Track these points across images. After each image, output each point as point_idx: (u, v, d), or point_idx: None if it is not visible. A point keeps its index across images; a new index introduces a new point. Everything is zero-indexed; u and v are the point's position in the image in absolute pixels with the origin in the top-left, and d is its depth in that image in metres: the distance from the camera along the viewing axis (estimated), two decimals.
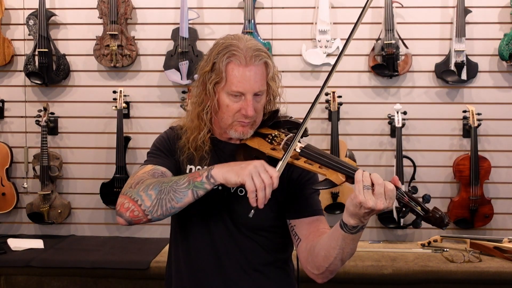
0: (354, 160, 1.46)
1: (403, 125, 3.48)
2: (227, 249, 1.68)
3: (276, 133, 1.64)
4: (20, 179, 3.74)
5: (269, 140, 1.63)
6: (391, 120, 3.52)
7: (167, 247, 3.34)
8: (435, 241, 3.37)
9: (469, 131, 3.49)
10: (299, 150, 1.53)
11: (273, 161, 1.53)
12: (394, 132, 3.49)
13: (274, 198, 1.65)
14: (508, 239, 3.24)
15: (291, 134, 1.60)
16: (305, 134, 1.59)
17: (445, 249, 3.26)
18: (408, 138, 3.61)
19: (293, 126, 1.66)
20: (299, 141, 1.54)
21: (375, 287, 3.03)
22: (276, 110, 1.72)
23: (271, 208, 1.65)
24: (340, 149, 3.46)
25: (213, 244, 1.69)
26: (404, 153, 3.50)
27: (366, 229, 3.62)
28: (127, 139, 3.63)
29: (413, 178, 3.51)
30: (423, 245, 3.35)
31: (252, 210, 1.45)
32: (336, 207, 3.50)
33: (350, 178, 1.40)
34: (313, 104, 1.55)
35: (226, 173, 1.47)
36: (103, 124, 3.71)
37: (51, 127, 3.66)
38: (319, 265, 1.52)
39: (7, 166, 3.67)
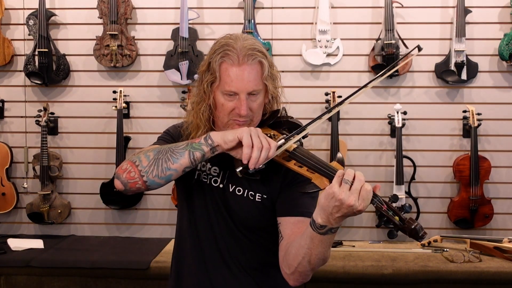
0: (343, 165, 1.43)
1: (403, 125, 3.48)
2: (228, 246, 1.70)
3: (273, 133, 1.64)
4: (20, 179, 3.74)
5: None
6: (391, 120, 3.51)
7: (167, 247, 3.37)
8: (435, 241, 3.37)
9: (469, 131, 3.49)
10: (289, 153, 1.52)
11: (268, 162, 1.52)
12: (394, 132, 3.49)
13: (270, 199, 1.66)
14: (508, 239, 3.24)
15: (286, 136, 1.58)
16: (304, 136, 1.58)
17: (445, 249, 3.26)
18: (408, 138, 3.61)
19: (294, 127, 1.64)
20: (294, 143, 1.54)
21: (375, 287, 3.03)
22: (276, 110, 1.71)
23: (266, 207, 1.67)
24: (340, 149, 3.46)
25: (216, 240, 1.71)
26: (404, 153, 3.50)
27: (366, 229, 3.65)
28: (127, 139, 3.63)
29: (413, 178, 3.51)
30: (423, 245, 3.35)
31: (241, 167, 1.46)
32: None
33: None
34: (321, 115, 1.57)
35: (224, 134, 1.53)
36: (103, 124, 3.71)
37: (51, 127, 3.66)
38: (290, 264, 1.50)
39: (7, 166, 3.67)
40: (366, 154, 3.63)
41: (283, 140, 1.51)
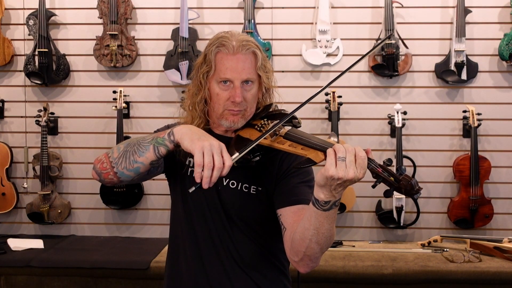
0: (337, 141, 1.46)
1: (403, 125, 3.48)
2: (223, 242, 1.70)
3: (264, 122, 1.67)
4: (20, 179, 3.74)
5: (258, 128, 1.66)
6: (391, 120, 3.52)
7: (167, 247, 3.37)
8: (435, 241, 3.37)
9: (469, 131, 3.50)
10: (283, 134, 1.56)
11: (262, 149, 1.57)
12: (394, 132, 3.49)
13: (266, 191, 1.67)
14: (508, 239, 3.24)
15: (278, 121, 1.61)
16: (296, 125, 1.61)
17: (445, 249, 3.26)
18: (408, 138, 3.61)
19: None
20: (284, 126, 1.57)
21: (375, 287, 3.03)
22: (269, 104, 1.76)
23: (261, 200, 1.68)
24: None
25: (210, 235, 1.71)
26: (404, 153, 3.50)
27: (366, 229, 3.65)
28: (127, 139, 3.62)
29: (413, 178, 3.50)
30: (423, 245, 3.35)
31: (193, 187, 1.43)
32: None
33: None
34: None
35: (183, 135, 1.51)
36: (103, 124, 3.71)
37: (51, 127, 3.66)
38: (297, 250, 1.50)
39: (7, 166, 3.67)
40: None
41: (236, 154, 1.49)
